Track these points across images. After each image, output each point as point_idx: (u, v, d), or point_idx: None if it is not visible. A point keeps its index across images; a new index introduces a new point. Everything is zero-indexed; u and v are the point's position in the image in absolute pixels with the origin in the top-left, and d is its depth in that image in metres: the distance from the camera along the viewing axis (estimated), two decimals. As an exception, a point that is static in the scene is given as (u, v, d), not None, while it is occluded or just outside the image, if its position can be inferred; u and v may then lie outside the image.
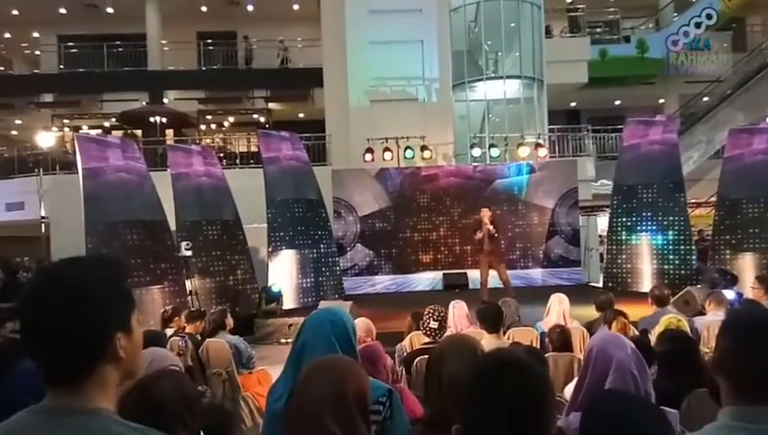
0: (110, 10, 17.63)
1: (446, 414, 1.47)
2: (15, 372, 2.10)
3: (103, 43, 17.35)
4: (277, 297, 8.70)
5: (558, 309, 4.98)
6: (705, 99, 17.75)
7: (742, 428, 1.28)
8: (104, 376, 1.01)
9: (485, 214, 8.29)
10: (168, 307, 5.88)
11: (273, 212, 9.37)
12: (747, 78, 16.89)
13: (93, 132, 16.01)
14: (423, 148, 11.83)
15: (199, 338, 4.92)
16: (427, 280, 11.41)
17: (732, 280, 7.80)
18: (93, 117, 18.54)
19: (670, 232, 9.45)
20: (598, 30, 18.39)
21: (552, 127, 14.54)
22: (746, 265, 8.30)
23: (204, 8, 18.12)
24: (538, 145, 12.01)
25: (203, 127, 18.84)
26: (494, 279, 8.57)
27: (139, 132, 16.84)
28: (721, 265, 8.53)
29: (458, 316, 4.26)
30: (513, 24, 13.40)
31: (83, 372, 1.00)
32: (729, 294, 5.66)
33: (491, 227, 8.20)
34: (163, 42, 17.97)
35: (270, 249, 9.27)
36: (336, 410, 1.31)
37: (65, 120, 18.64)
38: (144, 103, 16.79)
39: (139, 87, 16.96)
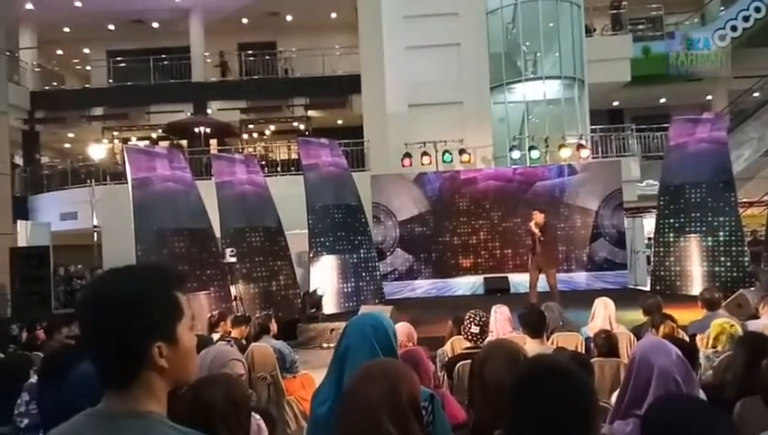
0: (155, 25, 18.25)
1: (491, 420, 1.47)
2: (71, 377, 2.18)
3: (149, 56, 17.94)
4: (320, 299, 8.82)
5: (603, 314, 4.87)
6: (756, 94, 17.03)
7: None
8: (150, 383, 1.05)
9: (536, 217, 8.17)
10: (214, 312, 6.02)
11: (313, 218, 9.50)
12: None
13: (141, 144, 16.55)
14: (461, 151, 11.77)
15: (244, 342, 5.02)
16: (467, 284, 11.33)
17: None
18: (141, 128, 19.17)
19: (721, 233, 9.11)
20: (640, 27, 17.90)
21: (594, 127, 14.23)
22: (804, 267, 7.93)
23: (245, 20, 18.51)
24: (580, 146, 11.79)
25: (245, 136, 19.24)
26: (543, 282, 8.43)
27: (184, 142, 17.34)
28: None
29: (500, 321, 4.22)
30: (551, 24, 13.21)
31: (128, 378, 1.04)
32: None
33: (537, 232, 8.09)
34: (206, 54, 18.48)
35: (311, 255, 9.39)
36: (391, 410, 1.32)
37: (115, 133, 19.32)
38: (189, 114, 17.27)
39: (183, 99, 17.46)
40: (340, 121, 18.91)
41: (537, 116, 13.49)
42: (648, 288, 10.03)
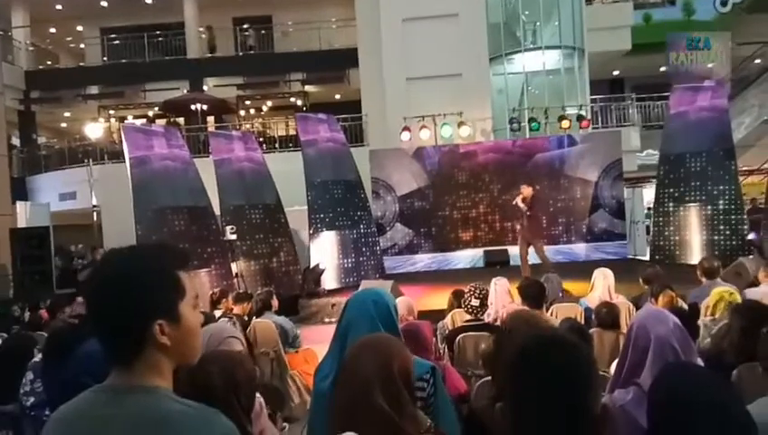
0: (148, 0, 17.95)
1: None
2: (76, 355, 2.21)
3: (144, 33, 17.71)
4: (321, 273, 8.88)
5: (602, 284, 4.89)
6: (758, 61, 16.84)
7: None
8: (154, 360, 1.07)
9: (524, 191, 8.18)
10: (215, 290, 6.07)
11: (312, 194, 9.49)
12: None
13: (138, 122, 16.47)
14: (460, 124, 11.70)
15: (246, 319, 5.06)
16: (467, 257, 11.37)
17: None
18: (137, 107, 19.02)
19: (720, 201, 9.11)
20: (641, -7, 17.62)
21: (594, 97, 14.10)
22: (803, 235, 7.94)
23: (239, -7, 18.24)
24: (580, 116, 11.70)
25: (242, 112, 19.09)
26: (534, 255, 8.48)
27: (181, 120, 17.23)
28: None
29: (500, 293, 4.24)
30: (551, -7, 13.00)
31: (132, 355, 1.06)
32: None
33: (522, 206, 8.09)
34: (200, 29, 18.22)
35: (311, 231, 9.41)
36: (384, 385, 1.34)
37: (111, 111, 19.18)
38: (185, 91, 17.12)
39: (179, 76, 17.27)
40: (337, 96, 18.75)
41: (536, 87, 13.36)
42: (647, 258, 10.07)
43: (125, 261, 1.10)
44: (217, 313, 5.23)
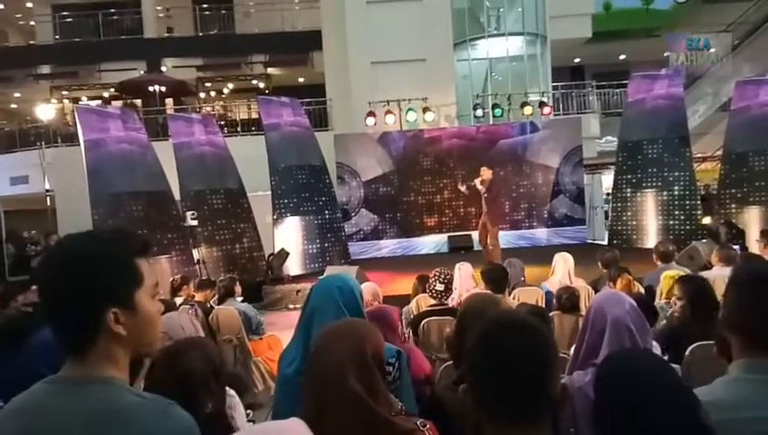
0: (102, -23, 17.28)
1: None
2: (29, 345, 2.14)
3: (98, 11, 17.05)
4: (287, 256, 8.82)
5: (563, 268, 5.00)
6: (712, 50, 17.36)
7: (754, 380, 1.30)
8: (108, 350, 1.03)
9: (484, 173, 8.21)
10: (176, 276, 5.94)
11: (276, 179, 9.37)
12: (754, 28, 16.50)
13: (93, 103, 15.89)
14: (425, 109, 11.70)
15: (209, 306, 4.99)
16: (432, 243, 11.46)
17: (738, 234, 7.81)
18: (92, 88, 18.38)
19: (675, 187, 9.41)
20: (602, -18, 17.90)
21: (555, 84, 14.31)
22: (752, 219, 8.29)
23: (198, -29, 17.74)
24: (542, 103, 11.87)
25: (202, 95, 18.66)
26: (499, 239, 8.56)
27: (138, 102, 16.72)
28: (727, 219, 8.50)
29: (464, 278, 4.29)
30: (514, -21, 13.07)
31: (86, 345, 1.02)
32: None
33: (481, 188, 8.14)
34: (158, 8, 17.64)
35: (275, 216, 9.30)
36: (357, 368, 1.34)
37: (64, 92, 18.49)
38: (142, 72, 16.61)
39: (136, 56, 16.73)
40: (301, 79, 18.51)
41: (500, 73, 13.46)
42: (605, 242, 10.35)
43: (79, 246, 1.06)
44: (178, 300, 5.13)
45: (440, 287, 3.97)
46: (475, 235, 10.71)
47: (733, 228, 7.97)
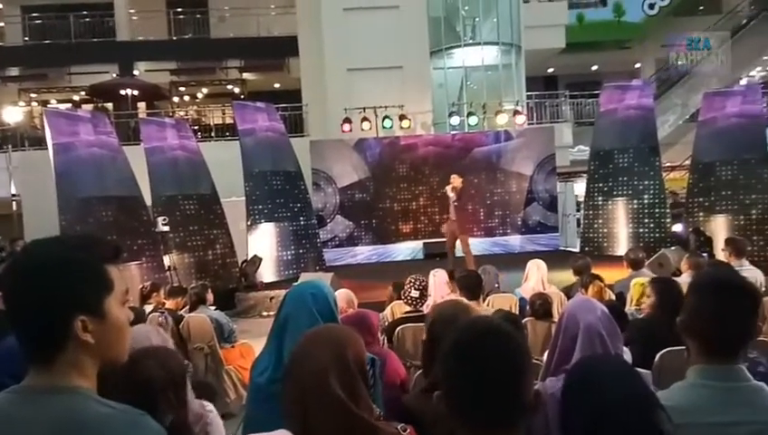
0: (73, -22, 16.97)
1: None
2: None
3: (69, 13, 16.72)
4: (260, 262, 8.72)
5: (536, 275, 5.05)
6: (681, 62, 17.84)
7: (709, 386, 1.32)
8: (75, 358, 1.00)
9: (454, 181, 8.26)
10: (146, 283, 5.82)
11: (250, 185, 9.28)
12: (722, 41, 17.00)
13: (62, 107, 15.52)
14: (401, 117, 11.74)
15: (180, 314, 4.90)
16: (407, 250, 11.47)
17: (706, 242, 7.99)
18: (62, 91, 18.00)
19: (645, 196, 9.60)
20: (575, -6, 18.27)
21: (529, 93, 14.52)
22: (719, 227, 8.49)
23: (173, -25, 17.55)
24: (516, 112, 12.01)
25: (176, 99, 18.42)
26: (471, 247, 8.61)
27: (109, 106, 16.40)
28: (695, 227, 8.69)
29: (438, 284, 4.28)
30: (490, -11, 13.24)
31: (52, 353, 0.99)
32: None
33: (451, 195, 8.19)
34: (131, 11, 17.39)
35: (249, 223, 9.20)
36: (339, 373, 1.33)
37: (33, 95, 18.07)
38: (114, 76, 16.32)
39: (107, 59, 16.42)
40: (277, 85, 18.41)
41: (475, 82, 13.59)
42: (577, 250, 10.49)
43: (46, 252, 1.03)
44: (148, 307, 5.02)
45: (415, 294, 3.97)
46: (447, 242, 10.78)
47: (701, 236, 8.15)
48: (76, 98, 17.77)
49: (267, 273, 9.21)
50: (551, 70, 19.21)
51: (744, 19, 17.01)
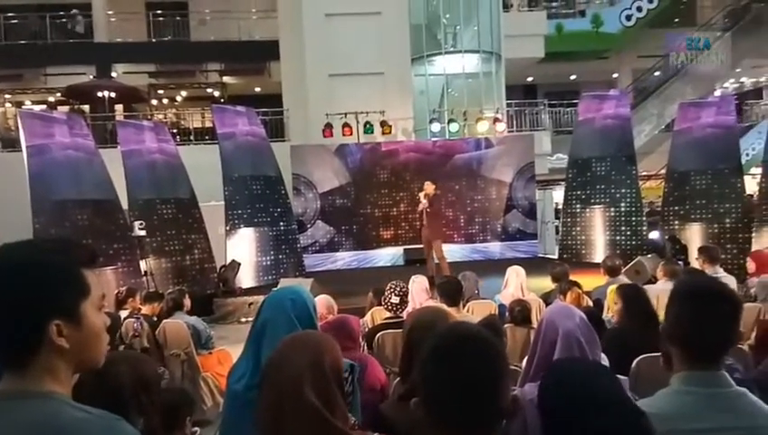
0: (51, -23, 16.71)
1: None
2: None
3: (46, 13, 16.44)
4: (239, 266, 8.63)
5: (515, 281, 5.08)
6: (657, 73, 18.22)
7: (693, 392, 1.33)
8: (50, 363, 0.98)
9: (427, 188, 8.30)
10: (122, 288, 5.72)
11: (230, 189, 9.19)
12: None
13: (37, 108, 15.24)
14: (383, 123, 11.76)
15: (155, 319, 4.82)
16: (388, 256, 11.47)
17: (681, 249, 8.13)
18: (37, 92, 17.65)
19: (622, 204, 9.73)
20: (554, 4, 18.54)
21: (509, 101, 14.67)
22: (694, 235, 8.64)
23: (152, -23, 17.39)
24: (496, 120, 12.12)
25: (154, 102, 18.21)
26: (451, 253, 8.65)
27: (86, 108, 16.14)
28: (671, 235, 8.84)
29: (417, 291, 4.29)
30: (471, -2, 13.36)
31: (26, 358, 0.97)
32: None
33: (424, 202, 8.23)
34: (110, 12, 17.17)
35: (227, 227, 9.11)
36: (314, 381, 1.31)
37: (7, 96, 17.67)
38: (91, 77, 16.07)
39: (85, 60, 16.17)
40: (257, 89, 18.32)
41: (456, 89, 13.68)
42: (556, 257, 10.59)
43: (21, 254, 1.01)
44: (123, 313, 4.93)
45: (395, 300, 3.96)
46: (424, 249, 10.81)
47: (677, 244, 8.29)
48: (52, 99, 17.44)
49: (246, 278, 9.12)
50: (530, 79, 19.44)
51: (717, 32, 17.40)
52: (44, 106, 16.59)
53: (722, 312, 1.37)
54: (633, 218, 9.64)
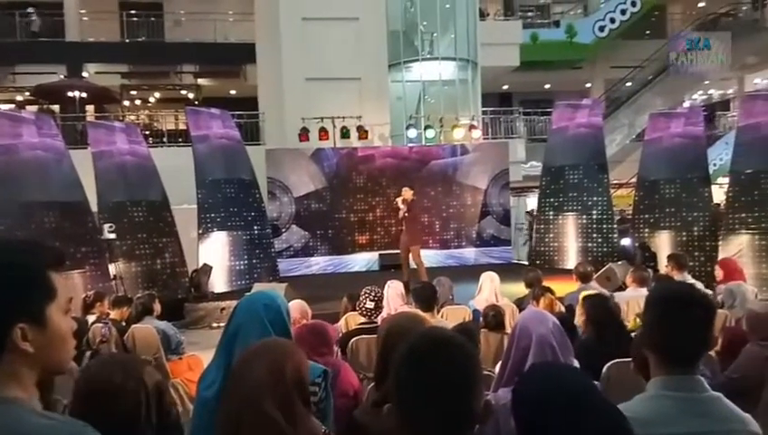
0: (21, -26, 16.32)
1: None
2: None
3: (15, 11, 16.05)
4: (210, 270, 8.52)
5: (489, 287, 5.11)
6: (629, 84, 18.60)
7: (671, 396, 1.35)
8: (13, 368, 0.95)
9: (405, 193, 8.34)
10: (89, 293, 5.59)
11: (203, 193, 9.07)
12: (667, 64, 17.82)
13: (5, 107, 14.86)
14: (359, 128, 11.75)
15: (124, 324, 4.72)
16: (363, 261, 11.44)
17: (651, 257, 8.28)
18: (5, 91, 17.21)
19: (594, 211, 9.89)
20: (529, 14, 18.83)
21: (485, 109, 14.81)
22: (663, 243, 8.81)
23: (126, -24, 17.14)
24: (472, 127, 12.22)
25: (126, 103, 17.90)
26: (426, 259, 8.67)
27: (56, 108, 15.78)
28: (641, 242, 9.00)
29: (392, 296, 4.28)
30: (448, 6, 13.46)
31: None
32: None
33: (402, 207, 8.26)
34: (82, 11, 16.84)
35: (200, 231, 8.98)
36: (274, 392, 1.29)
37: (-27, 94, 17.21)
38: (62, 77, 15.73)
39: (55, 59, 15.84)
40: (233, 92, 18.17)
41: (433, 96, 13.76)
42: (527, 263, 10.70)
43: None
44: (91, 317, 4.81)
45: (370, 305, 3.95)
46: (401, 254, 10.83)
47: (646, 251, 8.45)
48: (20, 99, 17.00)
49: (219, 283, 8.99)
50: (505, 87, 19.67)
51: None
52: (12, 105, 16.16)
53: (696, 317, 1.39)
54: (604, 226, 9.80)
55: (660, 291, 1.55)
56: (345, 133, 11.63)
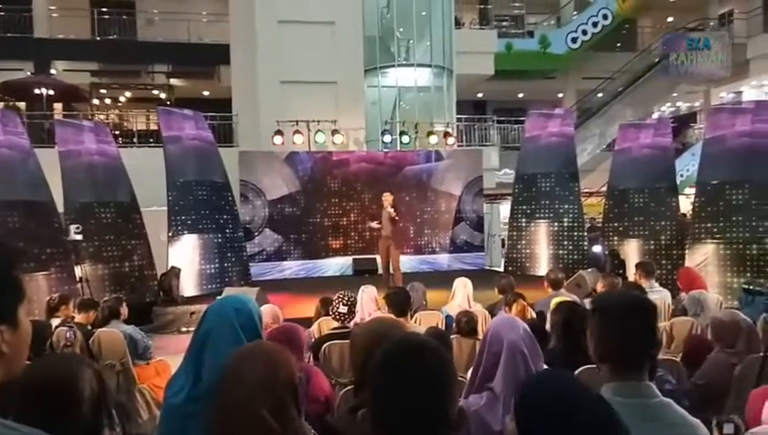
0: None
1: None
2: None
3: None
4: (179, 272, 8.37)
5: (462, 293, 5.13)
6: (600, 95, 18.98)
7: (620, 402, 1.36)
8: None
9: (387, 198, 8.37)
10: (54, 295, 5.42)
11: (174, 194, 8.92)
12: (637, 77, 18.25)
13: (-32, 103, 14.43)
14: (334, 132, 11.72)
15: (90, 328, 4.59)
16: (336, 265, 11.40)
17: (620, 264, 8.44)
18: (-31, 86, 16.68)
19: (565, 219, 10.05)
20: (504, 24, 19.08)
21: (459, 116, 14.93)
22: (632, 251, 8.98)
23: (98, -27, 16.79)
24: (446, 133, 12.30)
25: (96, 101, 17.53)
26: (401, 264, 8.68)
27: (22, 105, 15.37)
28: (611, 250, 9.16)
29: (366, 301, 4.27)
30: (424, 13, 13.55)
31: None
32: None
33: (392, 211, 8.28)
34: (51, 7, 16.45)
35: (170, 234, 8.83)
36: (267, 396, 1.28)
37: (-65, 90, 16.61)
38: (29, 73, 15.32)
39: (22, 55, 15.42)
40: (206, 93, 17.95)
41: (408, 102, 13.83)
42: (501, 269, 10.80)
43: None
44: (55, 321, 4.67)
45: (344, 310, 3.93)
46: (380, 258, 10.81)
47: (616, 259, 8.60)
48: (-16, 95, 16.52)
49: (189, 286, 8.84)
50: (480, 95, 19.87)
51: (656, 58, 18.32)
52: (-24, 102, 15.69)
53: (635, 323, 1.43)
54: (575, 233, 9.95)
55: (598, 302, 1.59)
56: (320, 139, 11.58)
